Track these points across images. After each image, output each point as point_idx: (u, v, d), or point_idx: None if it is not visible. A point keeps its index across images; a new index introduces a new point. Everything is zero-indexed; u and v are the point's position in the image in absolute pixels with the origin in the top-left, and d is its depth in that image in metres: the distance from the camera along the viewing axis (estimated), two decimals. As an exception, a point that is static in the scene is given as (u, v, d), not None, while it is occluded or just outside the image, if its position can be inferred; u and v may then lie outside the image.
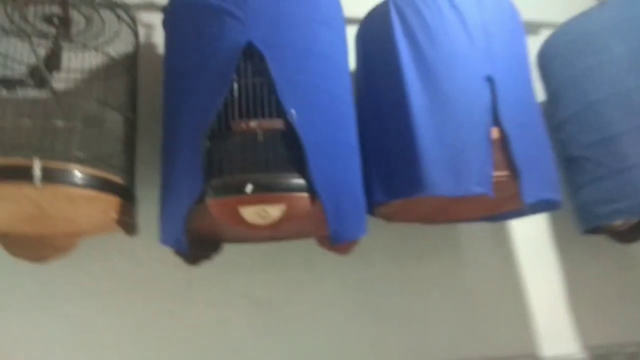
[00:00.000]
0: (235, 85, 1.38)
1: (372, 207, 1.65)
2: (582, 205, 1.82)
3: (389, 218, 1.82)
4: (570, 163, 1.88)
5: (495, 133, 1.52)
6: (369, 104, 1.74)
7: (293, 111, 1.35)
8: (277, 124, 1.35)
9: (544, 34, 2.16)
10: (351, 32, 1.91)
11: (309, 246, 1.75)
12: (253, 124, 1.35)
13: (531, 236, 2.14)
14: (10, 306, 1.67)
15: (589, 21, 1.88)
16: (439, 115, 1.53)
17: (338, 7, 1.67)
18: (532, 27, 2.35)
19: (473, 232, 2.09)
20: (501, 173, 1.50)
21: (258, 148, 1.33)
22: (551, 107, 2.01)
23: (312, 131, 1.35)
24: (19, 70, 1.46)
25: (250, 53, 1.40)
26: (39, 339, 1.67)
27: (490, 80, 1.55)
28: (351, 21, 1.92)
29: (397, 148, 1.57)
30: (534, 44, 2.13)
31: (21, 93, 1.39)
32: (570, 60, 1.90)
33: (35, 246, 1.52)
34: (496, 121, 1.53)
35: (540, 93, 2.06)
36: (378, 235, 1.94)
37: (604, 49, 1.80)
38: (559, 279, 2.12)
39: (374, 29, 1.78)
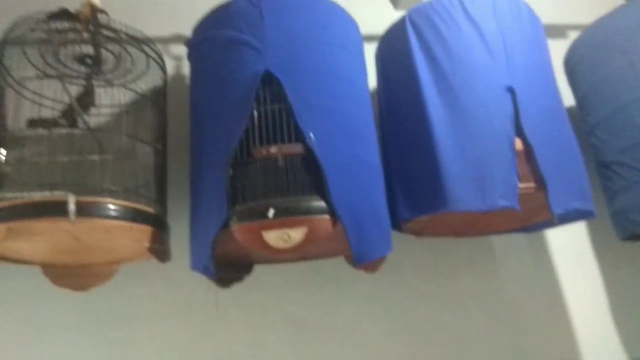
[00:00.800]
0: (255, 113, 1.42)
1: (398, 224, 1.65)
2: (618, 211, 1.75)
3: (418, 233, 1.81)
4: (603, 169, 1.82)
5: (519, 144, 1.50)
6: (390, 121, 1.75)
7: (311, 135, 1.37)
8: (297, 148, 1.39)
9: (572, 37, 2.10)
10: (371, 49, 1.93)
11: (340, 264, 1.76)
12: (273, 149, 1.39)
13: (569, 245, 2.08)
14: (56, 333, 1.76)
15: (616, 22, 1.82)
16: (459, 128, 1.52)
17: (354, 29, 1.69)
18: (560, 30, 2.30)
19: (507, 244, 2.05)
20: (527, 185, 1.47)
21: (279, 173, 1.37)
22: (582, 112, 1.95)
23: (331, 153, 1.38)
24: (54, 109, 1.56)
25: (269, 80, 1.45)
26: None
27: (511, 90, 1.53)
28: (371, 39, 1.95)
29: (419, 164, 1.57)
30: (562, 48, 2.08)
31: (56, 131, 1.47)
32: (598, 62, 1.85)
33: (76, 275, 1.60)
34: (519, 132, 1.51)
35: (570, 98, 2.01)
36: (408, 251, 1.94)
37: (633, 49, 1.74)
38: (599, 288, 2.04)
39: (392, 46, 1.79)
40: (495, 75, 1.55)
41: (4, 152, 1.46)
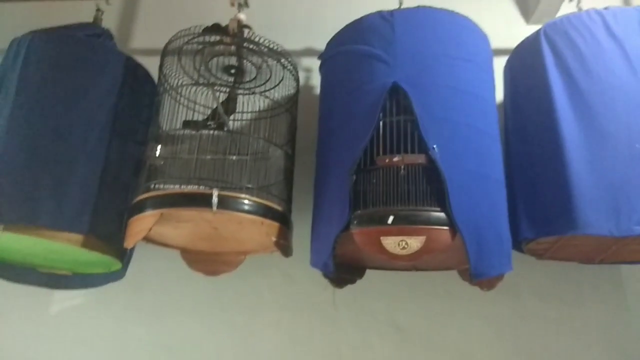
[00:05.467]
0: (381, 123, 1.49)
1: (519, 243, 1.61)
2: None
3: (539, 255, 1.74)
4: None
5: (662, 170, 1.39)
6: (517, 137, 1.72)
7: (435, 147, 1.40)
8: (420, 159, 1.42)
9: None
10: (500, 63, 1.90)
11: (452, 278, 1.76)
12: (396, 158, 1.44)
13: None
14: (187, 312, 1.99)
15: None
16: (595, 149, 1.45)
17: (484, 42, 1.69)
18: None
19: (638, 275, 1.88)
20: (670, 213, 1.36)
21: (400, 182, 1.41)
22: None
23: (454, 166, 1.39)
24: (203, 114, 1.76)
25: (396, 92, 1.50)
26: (208, 343, 1.94)
27: (657, 111, 1.43)
28: (501, 52, 1.92)
29: (548, 183, 1.52)
30: None
31: (204, 132, 1.66)
32: None
33: (209, 261, 1.78)
34: (664, 157, 1.40)
35: None
36: (527, 272, 1.89)
37: None
38: None
39: (524, 60, 1.75)
40: (638, 95, 1.46)
41: (159, 147, 1.68)
